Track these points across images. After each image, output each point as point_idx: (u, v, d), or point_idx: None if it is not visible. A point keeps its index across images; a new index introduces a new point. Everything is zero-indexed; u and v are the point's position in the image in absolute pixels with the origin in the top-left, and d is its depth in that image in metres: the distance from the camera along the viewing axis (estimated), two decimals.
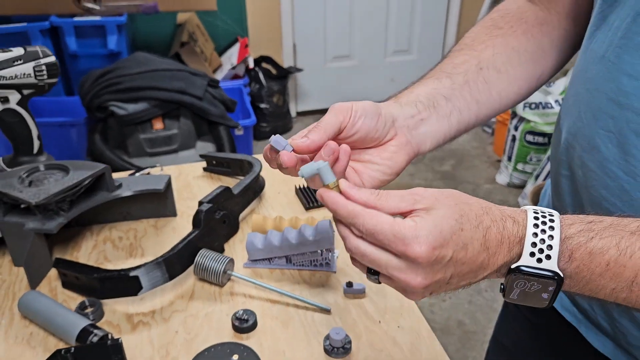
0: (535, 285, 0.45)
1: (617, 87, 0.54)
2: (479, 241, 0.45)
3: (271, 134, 3.30)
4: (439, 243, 0.44)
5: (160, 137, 2.05)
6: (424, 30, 3.57)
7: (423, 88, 0.64)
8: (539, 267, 0.44)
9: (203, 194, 1.12)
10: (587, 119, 0.58)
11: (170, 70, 2.03)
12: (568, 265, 0.45)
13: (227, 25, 3.18)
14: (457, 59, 0.67)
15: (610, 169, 0.55)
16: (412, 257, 0.44)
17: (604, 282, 0.44)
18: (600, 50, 0.57)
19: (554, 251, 0.44)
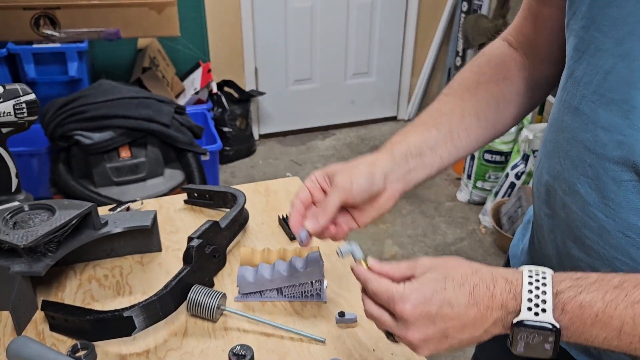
0: (537, 337, 0.51)
1: (594, 138, 0.58)
2: (465, 298, 0.53)
3: (235, 157, 3.31)
4: (420, 301, 0.54)
5: (127, 166, 2.02)
6: (382, 53, 3.66)
7: (414, 138, 0.73)
8: (537, 320, 0.51)
9: (187, 228, 1.12)
10: (566, 165, 0.63)
11: (137, 98, 2.02)
12: (562, 317, 0.51)
13: (188, 49, 3.17)
14: (445, 107, 0.76)
15: (591, 212, 0.60)
16: (399, 314, 0.55)
17: (595, 331, 0.50)
18: (574, 102, 0.62)
19: (548, 305, 0.51)
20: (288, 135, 3.65)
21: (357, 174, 0.69)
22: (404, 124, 3.74)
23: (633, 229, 0.57)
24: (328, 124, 3.74)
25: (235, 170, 3.26)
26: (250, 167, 3.29)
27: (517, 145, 2.71)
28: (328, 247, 1.05)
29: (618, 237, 0.58)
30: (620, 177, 0.56)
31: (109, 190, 2.03)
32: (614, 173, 0.57)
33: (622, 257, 0.59)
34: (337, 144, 3.58)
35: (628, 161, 0.55)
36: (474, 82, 0.77)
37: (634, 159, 0.55)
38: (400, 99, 3.85)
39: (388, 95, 3.83)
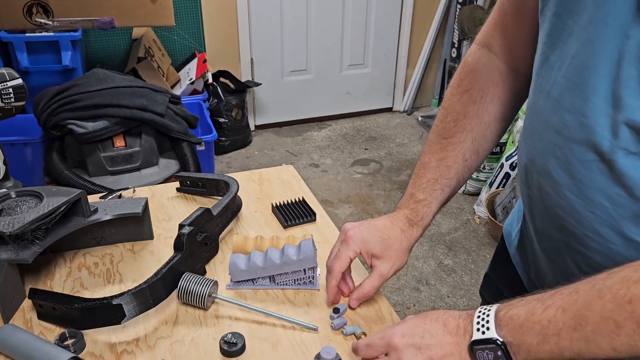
0: (489, 353, 0.60)
1: (561, 121, 0.62)
2: (441, 329, 0.64)
3: (231, 148, 3.29)
4: (407, 332, 0.66)
5: (121, 155, 2.00)
6: (377, 44, 3.64)
7: (435, 203, 0.85)
8: (484, 337, 0.60)
9: (179, 215, 1.11)
10: (539, 148, 0.67)
11: (131, 87, 2.00)
12: (504, 333, 0.59)
13: (184, 40, 3.15)
14: (449, 159, 0.84)
15: (562, 192, 0.64)
16: (392, 344, 0.66)
17: (529, 339, 0.57)
18: (547, 87, 0.65)
19: (490, 323, 0.60)
20: (284, 126, 3.64)
21: (399, 263, 0.84)
22: (399, 116, 3.75)
23: (599, 207, 0.60)
24: (324, 115, 3.72)
25: (231, 160, 3.25)
26: (246, 158, 3.28)
27: (512, 136, 2.70)
28: (321, 236, 1.04)
29: (587, 216, 0.61)
30: (584, 158, 0.59)
31: (103, 180, 2.01)
32: (579, 154, 0.60)
33: (592, 235, 0.62)
34: (332, 134, 3.57)
35: (590, 142, 0.58)
36: (466, 117, 0.83)
37: (594, 139, 0.58)
38: (395, 90, 3.84)
39: (384, 87, 3.82)
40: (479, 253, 2.49)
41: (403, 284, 2.30)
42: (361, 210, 2.79)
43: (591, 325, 0.53)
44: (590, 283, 0.54)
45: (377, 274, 0.82)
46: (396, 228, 0.84)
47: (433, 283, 2.31)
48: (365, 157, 3.28)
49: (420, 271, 2.38)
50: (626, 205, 0.57)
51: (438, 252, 2.49)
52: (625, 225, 0.58)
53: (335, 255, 0.83)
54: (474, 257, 2.46)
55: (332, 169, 3.16)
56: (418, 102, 3.83)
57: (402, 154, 3.32)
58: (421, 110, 3.83)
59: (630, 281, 0.51)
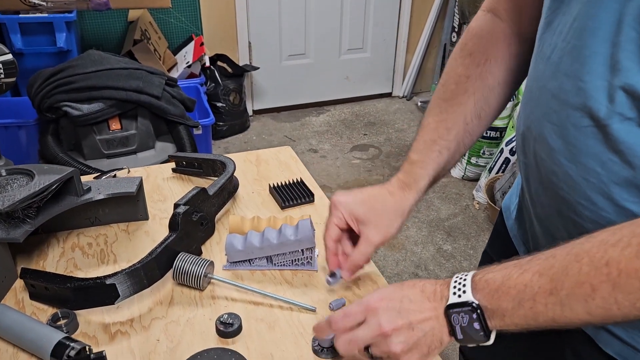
0: (464, 316, 0.59)
1: (559, 86, 0.61)
2: (419, 294, 0.64)
3: (229, 132, 3.27)
4: (385, 296, 0.64)
5: (117, 138, 1.98)
6: (377, 28, 3.60)
7: (432, 165, 0.80)
8: (460, 300, 0.60)
9: (174, 196, 1.09)
10: (536, 114, 0.66)
11: (127, 69, 1.96)
12: (479, 296, 0.59)
13: (180, 22, 3.11)
14: (449, 120, 0.80)
15: (556, 158, 0.63)
16: (370, 306, 0.64)
17: (504, 304, 0.57)
18: (547, 52, 0.64)
19: (467, 287, 0.60)
20: (282, 111, 3.61)
21: (390, 229, 0.78)
22: (399, 101, 3.72)
23: (592, 173, 0.59)
24: (322, 100, 3.69)
25: (229, 145, 3.22)
26: (244, 143, 3.25)
27: (512, 120, 2.68)
28: (319, 217, 1.02)
29: (580, 182, 0.61)
30: (579, 123, 0.59)
31: (99, 163, 1.98)
32: (575, 119, 0.59)
33: (584, 202, 0.61)
34: (331, 120, 3.54)
35: (585, 107, 0.57)
36: (468, 79, 0.79)
37: (590, 104, 0.57)
38: (395, 75, 3.80)
39: (383, 72, 3.78)
40: (478, 239, 2.48)
41: (402, 269, 2.29)
42: None
43: (567, 289, 0.52)
44: (568, 247, 0.54)
45: (363, 240, 0.78)
46: (384, 191, 0.80)
47: (432, 268, 2.30)
48: (364, 143, 3.26)
49: (419, 257, 2.36)
50: (618, 172, 0.57)
51: (437, 237, 2.48)
52: (616, 191, 0.58)
53: (325, 227, 0.81)
54: (473, 243, 2.45)
55: (331, 154, 3.14)
56: (417, 87, 3.80)
57: (401, 140, 3.29)
58: (420, 95, 3.80)
59: (608, 244, 0.51)
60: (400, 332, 0.62)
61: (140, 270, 0.80)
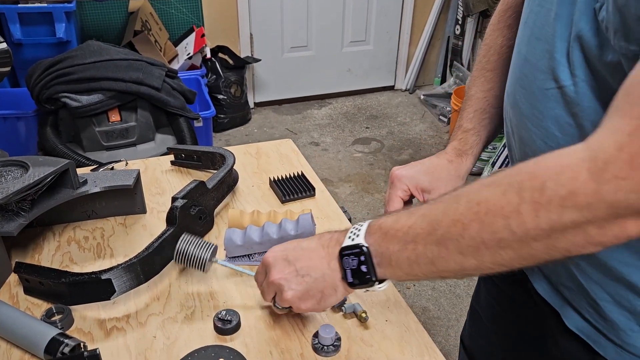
0: (354, 258, 0.61)
1: (531, 50, 0.62)
2: (315, 242, 0.66)
3: (230, 125, 3.24)
4: (279, 249, 0.69)
5: (117, 130, 1.96)
6: (379, 20, 3.56)
7: (484, 133, 0.83)
8: (352, 244, 0.62)
9: (173, 189, 1.07)
10: (512, 80, 0.67)
11: (127, 60, 1.94)
12: (370, 240, 0.60)
13: (181, 13, 3.08)
14: (496, 89, 0.81)
15: (524, 122, 0.64)
16: (264, 261, 0.69)
17: (390, 246, 0.58)
18: (524, 18, 0.65)
19: (361, 232, 0.62)
20: (283, 104, 3.58)
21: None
22: (401, 94, 3.69)
23: (551, 137, 0.60)
24: (324, 93, 3.66)
25: (230, 138, 3.20)
26: (245, 136, 3.23)
27: None
28: (320, 211, 1.00)
29: (542, 147, 0.61)
30: (544, 86, 0.59)
31: (98, 155, 1.97)
32: (541, 82, 0.60)
33: None
34: (333, 113, 3.51)
35: (550, 68, 0.58)
36: (509, 48, 0.78)
37: (553, 65, 0.57)
38: (397, 68, 3.77)
39: (385, 64, 3.75)
40: None
41: None
42: (362, 190, 2.76)
43: (443, 229, 0.54)
44: (455, 192, 0.56)
45: None
46: (443, 160, 0.82)
47: None
48: (366, 136, 3.24)
49: None
50: (574, 135, 0.57)
51: None
52: None
53: (386, 200, 0.81)
54: None
55: (333, 147, 3.12)
56: (420, 81, 3.77)
57: (404, 133, 3.27)
58: (423, 88, 3.77)
59: (483, 185, 0.52)
60: (289, 280, 0.65)
61: (137, 265, 0.78)
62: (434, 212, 0.56)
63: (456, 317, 2.05)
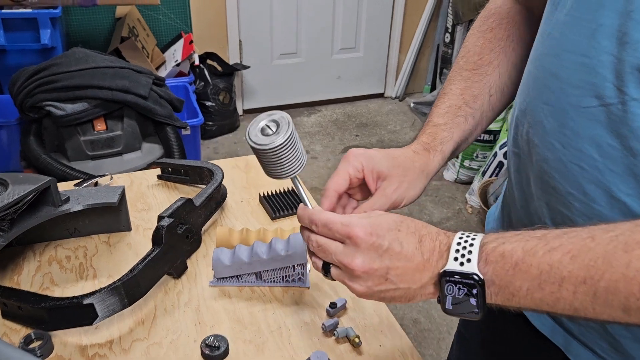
0: (462, 289, 0.51)
1: (559, 62, 0.56)
2: (414, 244, 0.54)
3: (218, 132, 3.21)
4: (375, 231, 0.54)
5: (102, 139, 1.92)
6: (370, 27, 3.56)
7: (458, 132, 0.72)
8: (461, 269, 0.51)
9: (159, 205, 1.04)
10: (534, 95, 0.61)
11: (113, 68, 1.90)
12: (487, 269, 0.50)
13: (169, 20, 3.04)
14: (474, 88, 0.74)
15: (549, 142, 0.58)
16: (353, 238, 0.54)
17: (518, 283, 0.49)
18: (548, 28, 0.60)
19: (473, 255, 0.50)
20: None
21: (413, 189, 0.67)
22: (391, 102, 3.68)
23: (586, 160, 0.54)
24: (314, 100, 3.64)
25: (218, 146, 3.16)
26: (234, 143, 3.20)
27: (507, 124, 2.65)
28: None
29: (573, 170, 0.56)
30: (579, 103, 0.54)
31: (83, 165, 1.92)
32: (574, 98, 0.55)
33: (575, 192, 0.56)
34: (322, 120, 3.49)
35: (589, 84, 0.53)
36: (492, 52, 0.74)
37: (594, 80, 0.52)
38: (387, 75, 3.76)
39: (375, 72, 3.74)
40: None
41: None
42: None
43: (606, 281, 0.45)
44: (612, 232, 0.46)
45: (380, 193, 0.64)
46: (408, 151, 0.69)
47: None
48: (356, 144, 3.22)
49: None
50: (617, 158, 0.52)
51: None
52: (612, 181, 0.53)
53: (333, 174, 0.67)
54: None
55: (322, 155, 3.10)
56: (410, 88, 3.76)
57: (394, 141, 3.26)
58: (413, 96, 3.76)
59: None
60: (371, 276, 0.54)
61: (120, 288, 0.74)
62: (590, 256, 0.46)
63: (447, 329, 2.03)
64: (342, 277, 0.56)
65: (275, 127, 0.60)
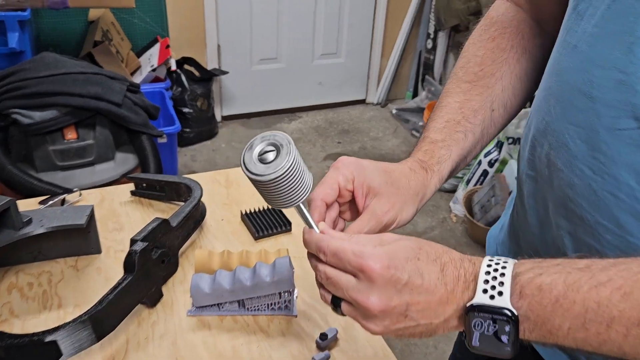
0: (492, 325, 0.45)
1: (589, 79, 0.51)
2: (436, 274, 0.47)
3: (196, 140, 3.12)
4: (393, 263, 0.47)
5: (73, 149, 1.82)
6: (351, 33, 3.50)
7: (456, 150, 0.65)
8: (492, 304, 0.45)
9: (132, 224, 0.96)
10: (556, 113, 0.55)
11: (85, 74, 1.81)
12: (521, 303, 0.44)
13: (145, 23, 2.95)
14: (475, 101, 0.67)
15: (577, 167, 0.53)
16: (367, 272, 0.47)
17: (558, 321, 0.43)
18: (573, 40, 0.54)
19: (505, 287, 0.45)
20: (252, 117, 3.48)
21: (405, 212, 0.60)
22: (373, 108, 3.63)
23: (623, 188, 0.49)
24: (294, 106, 3.58)
25: (196, 153, 3.07)
26: (212, 151, 3.11)
27: None
28: (297, 249, 0.91)
29: (605, 198, 0.51)
30: (615, 125, 0.49)
31: (52, 176, 1.82)
32: (609, 120, 0.49)
33: (607, 223, 0.51)
34: (304, 127, 3.43)
35: (627, 103, 0.47)
36: (494, 63, 0.68)
37: (634, 100, 0.47)
38: (369, 81, 3.71)
39: (357, 78, 3.69)
40: None
41: None
42: None
43: None
44: None
45: (369, 214, 0.57)
46: (404, 167, 0.62)
47: None
48: (338, 151, 3.16)
49: None
50: None
51: None
52: None
53: (320, 182, 0.59)
54: None
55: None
56: (392, 95, 3.72)
57: (377, 149, 3.21)
58: (395, 103, 3.72)
59: None
60: (388, 314, 0.48)
61: (87, 322, 0.67)
62: None
63: (434, 343, 1.98)
64: (354, 315, 0.50)
65: (273, 151, 0.51)
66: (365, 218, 0.57)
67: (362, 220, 0.57)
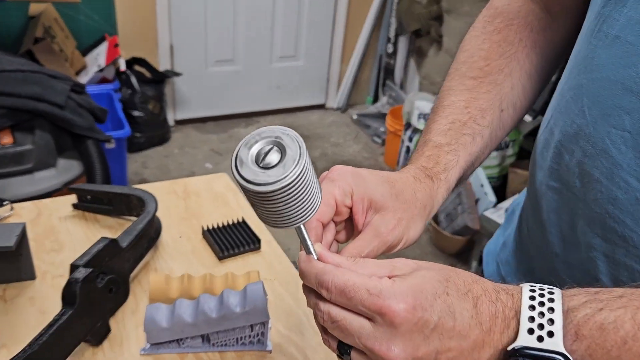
0: None
1: (637, 74, 0.44)
2: (469, 312, 0.39)
3: (147, 145, 2.95)
4: (420, 302, 0.38)
5: (9, 154, 1.64)
6: (310, 35, 3.42)
7: (464, 156, 0.57)
8: (541, 347, 0.37)
9: (74, 244, 0.82)
10: (593, 116, 0.48)
11: (23, 72, 1.65)
12: (578, 346, 0.37)
13: (92, 20, 2.76)
14: (482, 100, 0.59)
15: (622, 178, 0.46)
16: (389, 317, 0.38)
17: None
18: (614, 30, 0.47)
19: (556, 326, 0.37)
20: (207, 122, 3.33)
21: (413, 224, 0.50)
22: (333, 113, 3.55)
23: None
24: (251, 111, 3.45)
25: (147, 159, 2.90)
26: (165, 157, 2.95)
27: None
28: (268, 269, 0.80)
29: None
30: None
31: None
32: None
33: None
34: None
35: None
36: (502, 57, 0.61)
37: None
38: (329, 85, 3.63)
39: (316, 81, 3.60)
40: None
41: None
42: None
43: None
44: None
45: (371, 232, 0.48)
46: (408, 177, 0.52)
47: None
48: None
49: None
50: None
51: None
52: None
53: None
54: None
55: None
56: (352, 100, 3.65)
57: (338, 155, 3.12)
58: (356, 108, 3.65)
59: None
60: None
61: None
62: None
63: None
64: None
65: (277, 153, 0.39)
66: (367, 237, 0.47)
67: (362, 240, 0.47)
